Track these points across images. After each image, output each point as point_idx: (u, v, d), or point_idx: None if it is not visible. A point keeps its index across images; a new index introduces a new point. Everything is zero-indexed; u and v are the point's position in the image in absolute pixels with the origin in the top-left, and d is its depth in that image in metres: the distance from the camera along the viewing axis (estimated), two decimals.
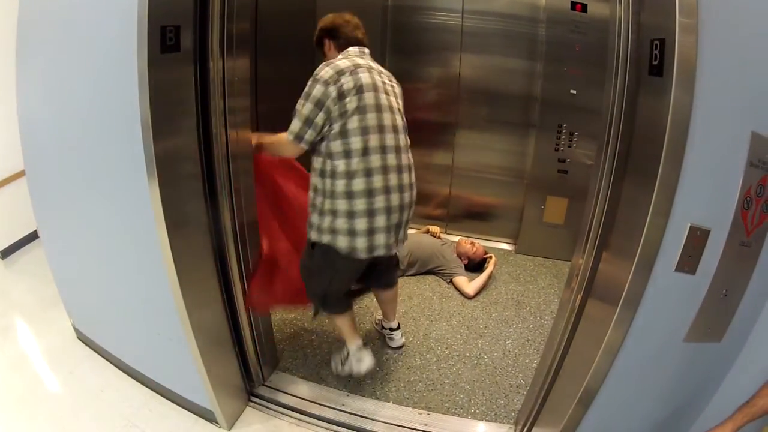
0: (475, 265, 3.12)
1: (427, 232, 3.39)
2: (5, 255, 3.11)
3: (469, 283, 2.93)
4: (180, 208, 1.52)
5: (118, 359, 2.18)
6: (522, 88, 3.18)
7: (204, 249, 1.68)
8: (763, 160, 1.17)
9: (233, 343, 1.91)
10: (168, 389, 2.02)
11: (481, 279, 2.95)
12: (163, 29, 1.30)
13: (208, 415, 1.92)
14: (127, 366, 2.14)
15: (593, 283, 1.48)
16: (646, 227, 1.17)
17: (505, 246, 3.59)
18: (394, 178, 1.76)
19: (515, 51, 3.12)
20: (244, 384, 2.02)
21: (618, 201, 1.36)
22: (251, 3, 2.50)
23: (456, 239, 3.33)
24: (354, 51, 1.81)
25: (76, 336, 2.39)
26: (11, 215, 3.04)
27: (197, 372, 1.74)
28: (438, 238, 3.32)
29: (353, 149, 1.68)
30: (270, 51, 2.67)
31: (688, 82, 1.07)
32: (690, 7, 1.04)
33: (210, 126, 1.55)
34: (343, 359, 2.17)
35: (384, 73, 1.84)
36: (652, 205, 1.15)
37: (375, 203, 1.71)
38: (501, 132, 3.39)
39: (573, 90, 2.90)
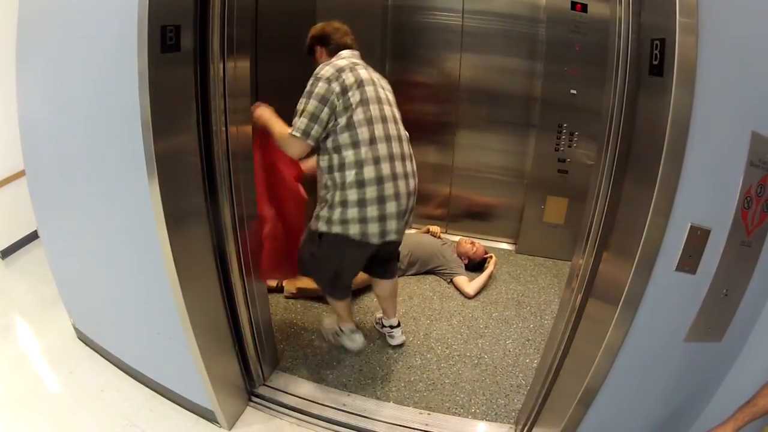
0: (476, 265, 3.12)
1: (428, 231, 3.39)
2: (5, 255, 3.11)
3: (470, 283, 2.93)
4: (180, 207, 1.52)
5: (118, 359, 2.18)
6: (522, 88, 3.18)
7: (204, 248, 1.68)
8: (764, 159, 1.17)
9: (234, 343, 1.91)
10: (168, 389, 2.02)
11: (482, 279, 2.95)
12: (164, 29, 1.31)
13: (208, 415, 1.92)
14: (128, 366, 2.14)
15: (594, 283, 1.48)
16: (646, 227, 1.17)
17: (506, 246, 3.59)
18: (399, 165, 1.85)
19: (515, 51, 3.12)
20: (244, 384, 2.02)
21: (618, 201, 1.36)
22: (252, 3, 2.50)
23: (456, 239, 3.33)
24: (347, 53, 1.91)
25: (76, 336, 2.39)
26: (11, 215, 3.04)
27: (198, 372, 1.74)
28: (438, 237, 3.32)
29: (361, 139, 1.77)
30: (270, 50, 2.68)
31: (688, 81, 1.07)
32: (690, 7, 1.04)
33: (210, 125, 1.55)
34: (336, 334, 2.38)
35: (375, 72, 1.94)
36: (652, 205, 1.15)
37: (385, 190, 1.80)
38: (501, 132, 3.39)
39: (573, 90, 2.90)
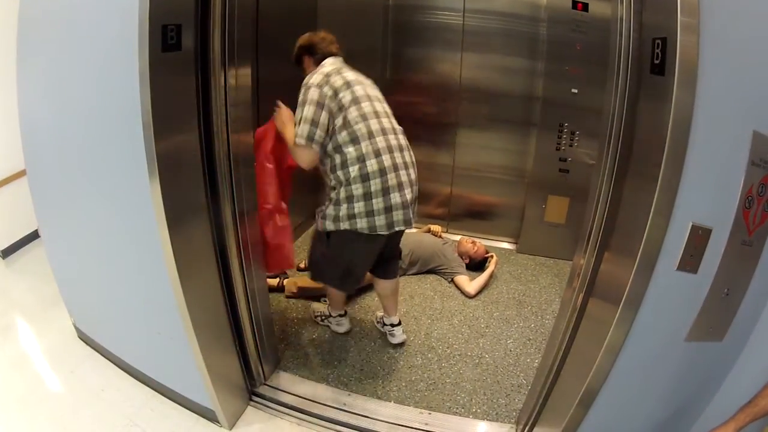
0: (477, 265, 3.12)
1: (429, 231, 3.40)
2: (6, 254, 3.11)
3: (471, 283, 2.92)
4: (181, 205, 1.52)
5: (119, 358, 2.18)
6: (523, 87, 3.18)
7: (205, 247, 1.68)
8: (765, 159, 1.17)
9: (234, 343, 1.91)
10: (169, 388, 2.02)
11: (483, 278, 2.95)
12: (165, 28, 1.30)
13: (209, 415, 1.92)
14: (128, 365, 2.14)
15: (595, 283, 1.48)
16: (647, 226, 1.17)
17: (507, 245, 3.59)
18: (399, 156, 1.92)
19: (516, 50, 3.12)
20: (245, 383, 2.02)
21: (620, 200, 1.36)
22: (252, 2, 2.50)
23: (457, 238, 3.33)
24: (330, 60, 1.98)
25: (76, 335, 2.39)
26: (12, 215, 3.04)
27: (198, 371, 1.74)
28: (439, 237, 3.32)
29: (359, 135, 1.84)
30: (271, 50, 2.68)
31: (689, 81, 1.06)
32: (692, 6, 1.04)
33: (211, 124, 1.55)
34: (324, 316, 2.52)
35: (360, 74, 2.02)
36: (653, 205, 1.15)
37: (388, 181, 1.86)
38: (502, 131, 3.39)
39: (574, 89, 2.89)
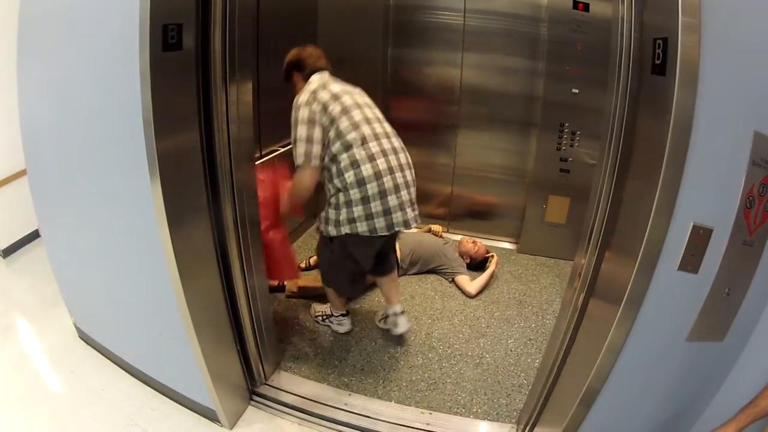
0: (477, 265, 3.12)
1: (429, 231, 3.40)
2: (6, 254, 3.11)
3: (471, 283, 2.92)
4: (182, 206, 1.52)
5: (119, 358, 2.18)
6: (524, 87, 3.18)
7: (206, 247, 1.68)
8: (766, 159, 1.17)
9: (235, 342, 1.91)
10: (170, 388, 2.02)
11: (483, 278, 2.95)
12: (165, 28, 1.30)
13: (210, 414, 1.92)
14: (129, 365, 2.14)
15: (596, 283, 1.48)
16: (648, 226, 1.17)
17: (507, 245, 3.59)
18: (393, 159, 1.97)
19: (517, 50, 3.12)
20: (246, 383, 2.02)
21: (620, 200, 1.36)
22: (253, 2, 2.50)
23: (458, 238, 3.33)
24: (316, 77, 2.02)
25: (77, 335, 2.39)
26: (12, 214, 3.05)
27: (199, 371, 1.74)
28: (440, 237, 3.32)
29: (352, 142, 1.90)
30: (272, 49, 2.67)
31: (690, 81, 1.06)
32: (693, 6, 1.04)
33: (212, 123, 1.55)
34: (325, 316, 2.54)
35: (347, 84, 2.07)
36: (654, 204, 1.15)
37: (384, 184, 1.91)
38: (503, 131, 3.39)
39: (575, 89, 2.89)
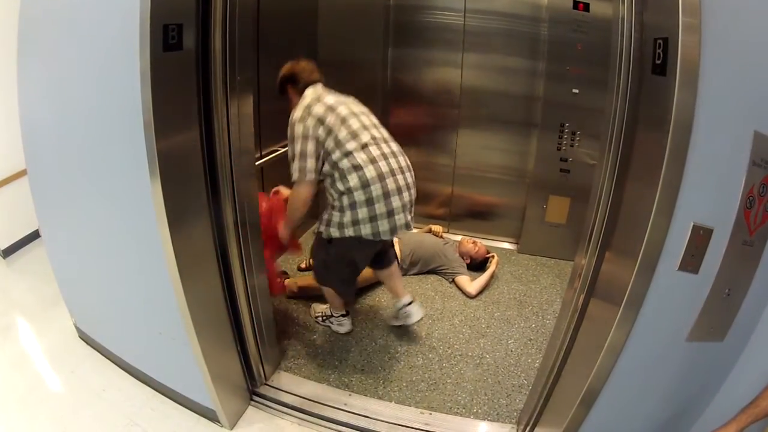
0: (477, 265, 3.12)
1: (430, 231, 3.40)
2: (6, 254, 3.11)
3: (471, 283, 2.92)
4: (182, 206, 1.52)
5: (119, 358, 2.18)
6: (524, 87, 3.18)
7: (206, 247, 1.68)
8: (766, 159, 1.17)
9: (235, 343, 1.91)
10: (170, 388, 2.02)
11: (484, 278, 2.95)
12: (166, 28, 1.30)
13: (210, 415, 1.92)
14: (129, 365, 2.14)
15: (596, 283, 1.48)
16: (649, 227, 1.17)
17: (507, 245, 3.59)
18: (393, 162, 2.01)
19: (517, 50, 3.11)
20: (246, 383, 2.02)
21: (621, 200, 1.36)
22: (254, 1, 2.50)
23: (458, 239, 3.33)
24: (309, 91, 2.04)
25: (77, 335, 2.39)
26: (12, 214, 3.05)
27: (199, 371, 1.74)
28: (440, 237, 3.32)
29: (352, 150, 1.93)
30: (272, 49, 2.68)
31: (691, 81, 1.06)
32: (693, 6, 1.04)
33: (212, 123, 1.55)
34: (324, 317, 2.54)
35: (341, 95, 2.09)
36: (655, 205, 1.15)
37: (387, 185, 1.94)
38: (503, 131, 3.38)
39: (575, 89, 2.89)
